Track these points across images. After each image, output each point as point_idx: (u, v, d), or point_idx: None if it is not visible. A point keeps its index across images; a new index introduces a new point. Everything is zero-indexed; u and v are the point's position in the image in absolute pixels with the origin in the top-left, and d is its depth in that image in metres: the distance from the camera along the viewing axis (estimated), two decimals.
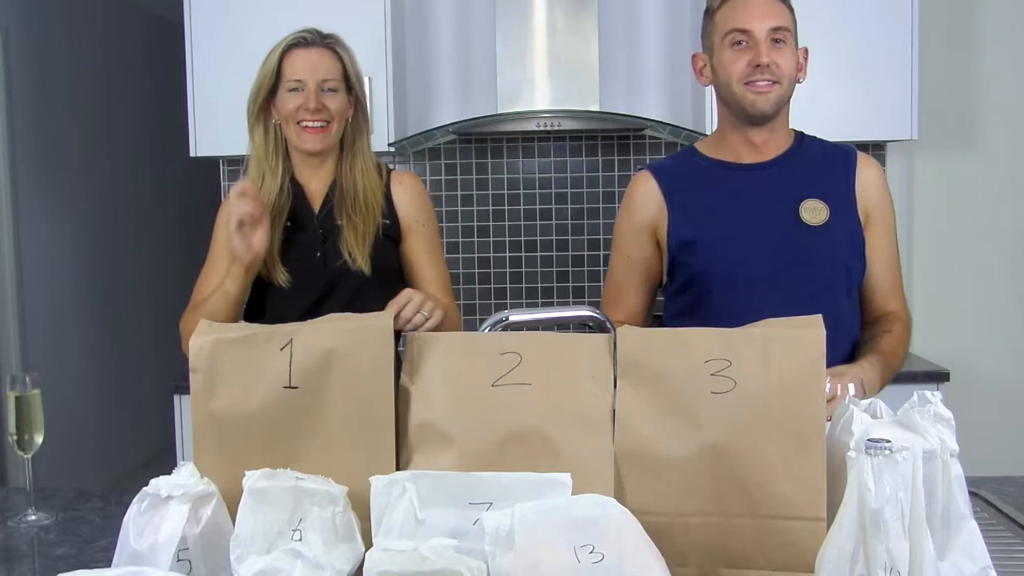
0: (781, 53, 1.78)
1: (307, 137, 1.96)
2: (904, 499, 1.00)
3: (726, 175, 1.86)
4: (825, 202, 1.80)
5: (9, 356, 4.12)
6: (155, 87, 5.37)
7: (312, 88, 1.95)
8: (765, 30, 1.77)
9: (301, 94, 1.95)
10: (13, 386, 1.65)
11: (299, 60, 1.98)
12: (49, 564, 1.44)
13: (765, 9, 1.79)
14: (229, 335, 1.26)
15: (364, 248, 1.97)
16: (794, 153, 1.86)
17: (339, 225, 1.99)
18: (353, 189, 2.00)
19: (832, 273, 1.80)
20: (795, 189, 1.81)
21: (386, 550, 1.05)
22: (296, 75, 1.96)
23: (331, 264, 1.97)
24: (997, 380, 3.42)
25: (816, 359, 1.17)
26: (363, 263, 1.96)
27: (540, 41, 3.11)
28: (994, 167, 3.43)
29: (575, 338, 1.27)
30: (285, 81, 1.97)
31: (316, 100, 1.95)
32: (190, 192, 5.36)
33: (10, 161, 4.14)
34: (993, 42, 3.39)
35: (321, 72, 1.97)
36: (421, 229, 2.06)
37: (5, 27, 4.12)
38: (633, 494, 1.19)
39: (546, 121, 3.08)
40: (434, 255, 2.07)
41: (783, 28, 1.78)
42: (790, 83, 1.80)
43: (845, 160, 1.85)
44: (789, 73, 1.79)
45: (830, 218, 1.79)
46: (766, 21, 1.77)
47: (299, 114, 1.95)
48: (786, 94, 1.81)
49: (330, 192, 2.02)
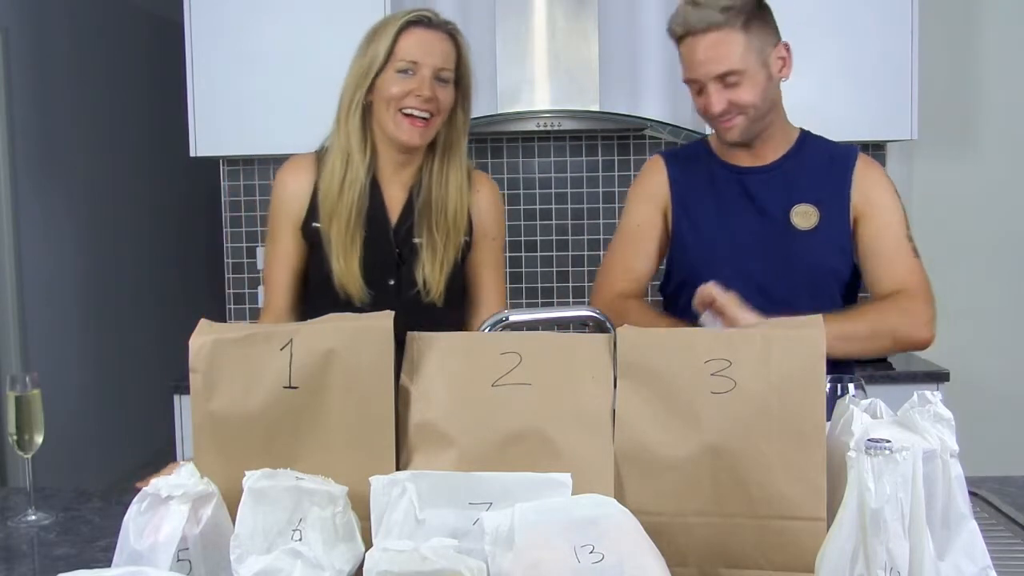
0: (736, 91, 1.74)
1: (407, 128, 1.75)
2: (904, 499, 1.00)
3: (725, 176, 1.87)
4: (817, 206, 1.80)
5: (9, 356, 4.12)
6: (155, 87, 5.37)
7: (427, 74, 1.74)
8: (711, 78, 1.73)
9: (412, 78, 1.74)
10: (13, 386, 1.65)
11: (417, 40, 1.75)
12: (49, 564, 1.44)
13: (709, 54, 1.73)
14: (229, 335, 1.26)
15: (441, 277, 1.77)
16: (793, 156, 1.86)
17: (417, 244, 1.78)
18: (443, 202, 1.79)
19: (816, 277, 1.80)
20: (789, 194, 1.82)
21: (386, 550, 1.05)
22: (411, 55, 1.74)
23: (405, 293, 1.78)
24: (997, 380, 3.42)
25: (816, 359, 1.17)
26: (437, 296, 1.77)
27: (540, 41, 3.11)
28: (994, 167, 3.43)
29: (575, 338, 1.27)
30: (396, 60, 1.74)
31: (430, 87, 1.73)
32: (190, 192, 5.36)
33: (10, 161, 4.14)
34: (993, 42, 3.39)
35: (439, 58, 1.76)
36: (491, 243, 1.89)
37: (5, 27, 4.12)
38: (633, 494, 1.19)
39: (546, 121, 3.08)
40: (499, 270, 1.91)
41: (731, 72, 1.73)
42: (758, 106, 1.76)
43: (844, 162, 1.84)
44: (752, 102, 1.75)
45: (820, 222, 1.80)
46: (711, 68, 1.73)
47: (407, 100, 1.74)
48: (758, 115, 1.77)
49: (410, 201, 1.82)
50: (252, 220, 3.52)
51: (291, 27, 3.11)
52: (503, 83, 3.12)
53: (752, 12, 1.75)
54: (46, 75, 4.46)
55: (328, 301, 1.72)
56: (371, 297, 1.78)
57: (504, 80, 3.12)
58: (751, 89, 1.74)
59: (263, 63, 3.11)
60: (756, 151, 1.85)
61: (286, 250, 1.86)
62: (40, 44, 4.41)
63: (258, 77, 3.12)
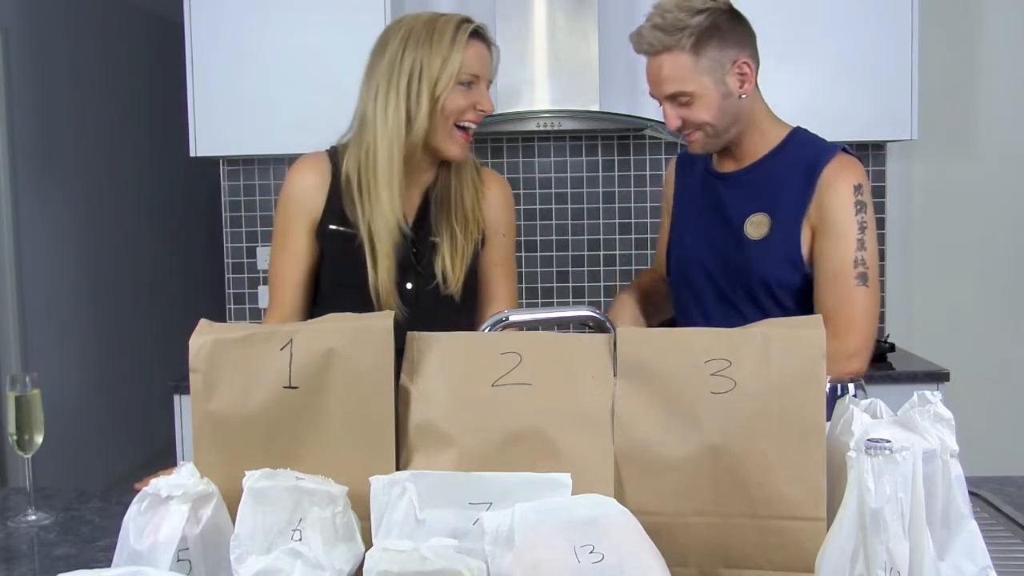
0: (689, 110, 1.77)
1: (460, 142, 1.74)
2: (904, 499, 1.00)
3: (709, 182, 1.92)
4: (771, 216, 1.80)
5: (9, 356, 4.12)
6: (155, 87, 5.37)
7: (484, 87, 1.74)
8: (663, 97, 1.79)
9: (471, 91, 1.73)
10: (13, 386, 1.65)
11: (479, 52, 1.74)
12: (49, 564, 1.44)
13: (658, 75, 1.77)
14: (229, 335, 1.26)
15: (461, 268, 1.76)
16: (766, 162, 1.84)
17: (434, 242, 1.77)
18: (460, 197, 1.79)
19: (763, 287, 1.80)
20: (748, 202, 1.84)
21: (386, 550, 1.05)
22: (475, 69, 1.73)
23: (421, 289, 1.77)
24: (997, 380, 3.42)
25: (816, 359, 1.17)
26: (455, 288, 1.76)
27: (540, 41, 3.11)
28: (994, 167, 3.43)
29: (575, 338, 1.27)
30: (460, 73, 1.72)
31: (489, 100, 1.74)
32: (190, 192, 5.37)
33: (10, 161, 4.14)
34: (993, 42, 3.39)
35: (491, 70, 1.77)
36: (501, 239, 1.87)
37: (5, 27, 4.12)
38: (633, 494, 1.19)
39: (546, 121, 3.08)
40: (510, 268, 1.89)
41: (679, 93, 1.75)
42: (714, 124, 1.78)
43: (812, 171, 1.78)
44: (706, 120, 1.77)
45: (769, 232, 1.80)
46: (661, 88, 1.78)
47: (468, 114, 1.73)
48: (717, 130, 1.79)
49: (426, 202, 1.81)
50: (252, 220, 3.52)
51: (291, 27, 3.11)
52: (503, 83, 3.11)
53: (706, 31, 1.74)
54: (46, 75, 4.46)
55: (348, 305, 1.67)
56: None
57: (504, 80, 3.11)
58: (704, 108, 1.76)
59: (263, 63, 3.11)
60: (735, 156, 1.87)
61: (297, 249, 1.82)
62: (40, 44, 4.41)
63: (258, 77, 3.12)
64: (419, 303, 1.76)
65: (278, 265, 1.83)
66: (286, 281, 1.82)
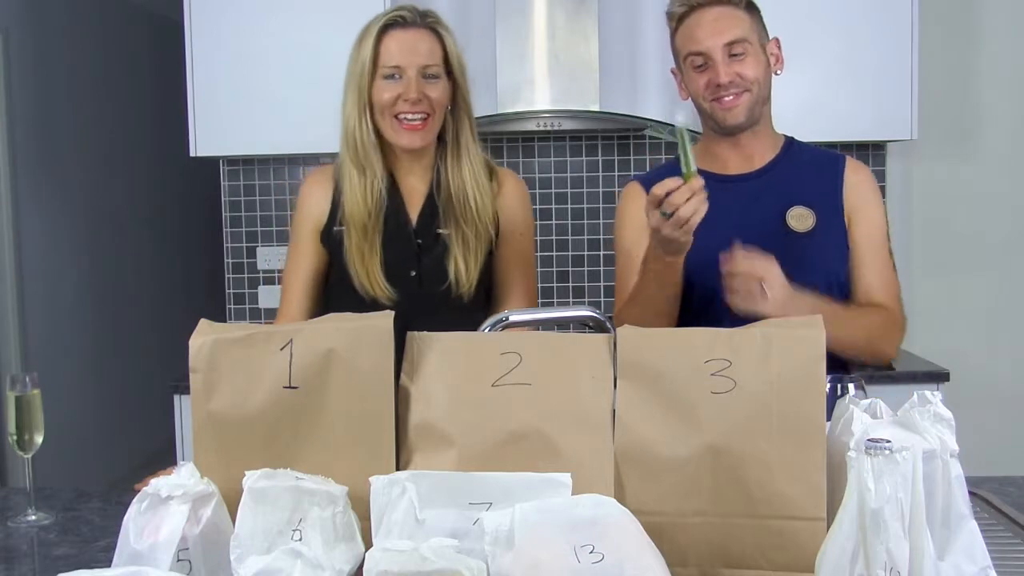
0: (743, 64, 1.76)
1: (405, 133, 1.75)
2: (904, 499, 1.00)
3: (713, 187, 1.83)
4: (812, 209, 1.80)
5: (9, 356, 4.12)
6: (155, 87, 5.37)
7: (412, 76, 1.73)
8: (719, 48, 1.75)
9: (399, 83, 1.73)
10: (13, 386, 1.65)
11: (396, 43, 1.74)
12: (49, 564, 1.44)
13: (716, 26, 1.75)
14: (229, 335, 1.26)
15: (475, 270, 1.76)
16: (781, 160, 1.85)
17: (442, 237, 1.78)
18: (463, 194, 1.78)
19: (819, 279, 1.78)
20: (782, 197, 1.81)
21: (386, 550, 1.05)
22: (393, 60, 1.73)
23: (429, 287, 1.77)
24: (997, 380, 3.42)
25: (816, 359, 1.17)
26: (468, 291, 1.76)
27: (540, 41, 3.11)
28: (994, 167, 3.43)
29: (575, 338, 1.27)
30: (380, 67, 1.74)
31: (417, 90, 1.72)
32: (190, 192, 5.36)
33: (10, 161, 4.13)
34: (993, 42, 3.39)
35: (422, 57, 1.74)
36: (518, 238, 1.86)
37: (5, 27, 4.12)
38: (633, 494, 1.19)
39: (546, 121, 3.08)
40: (527, 267, 1.88)
41: (738, 41, 1.75)
42: (760, 86, 1.78)
43: (833, 166, 1.84)
44: (756, 77, 1.77)
45: (816, 224, 1.79)
46: (719, 38, 1.75)
47: (397, 105, 1.73)
48: (760, 97, 1.79)
49: (431, 195, 1.81)
50: (252, 220, 3.52)
51: (291, 27, 3.11)
52: (503, 83, 3.11)
53: (750, 2, 1.80)
54: (46, 75, 4.46)
55: (353, 304, 1.70)
56: (395, 292, 1.78)
57: (504, 80, 3.11)
58: (756, 65, 1.77)
59: (263, 63, 3.11)
60: (745, 154, 1.84)
61: (304, 256, 1.89)
62: (40, 44, 4.41)
63: (258, 77, 3.12)
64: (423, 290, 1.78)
65: (288, 271, 1.92)
66: (293, 287, 1.90)
